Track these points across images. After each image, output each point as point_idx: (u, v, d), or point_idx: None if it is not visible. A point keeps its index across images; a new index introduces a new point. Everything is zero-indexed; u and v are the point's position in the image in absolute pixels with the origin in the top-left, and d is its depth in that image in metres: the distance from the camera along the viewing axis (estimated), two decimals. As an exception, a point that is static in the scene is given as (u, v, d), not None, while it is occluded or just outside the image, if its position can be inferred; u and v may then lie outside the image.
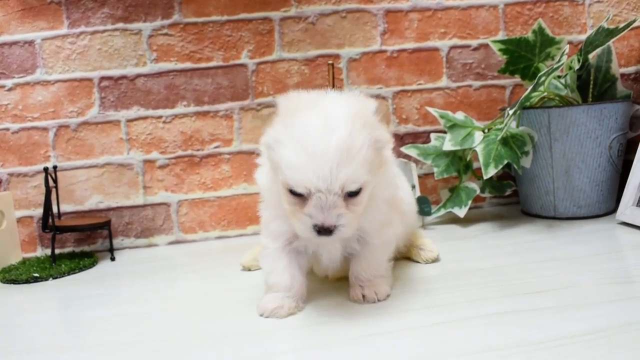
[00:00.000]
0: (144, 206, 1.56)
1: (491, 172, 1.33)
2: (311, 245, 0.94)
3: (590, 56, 1.47)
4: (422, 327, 0.83)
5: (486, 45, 1.64)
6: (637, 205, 1.32)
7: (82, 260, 1.40)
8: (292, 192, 0.82)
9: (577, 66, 1.40)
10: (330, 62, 1.49)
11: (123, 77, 1.53)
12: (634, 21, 1.37)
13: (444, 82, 1.64)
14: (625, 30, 1.34)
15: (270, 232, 0.94)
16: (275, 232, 0.93)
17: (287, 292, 0.93)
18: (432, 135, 1.54)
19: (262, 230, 0.98)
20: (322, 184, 0.78)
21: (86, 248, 1.54)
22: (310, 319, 0.90)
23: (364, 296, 0.94)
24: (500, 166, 1.34)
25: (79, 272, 1.35)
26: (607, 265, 1.04)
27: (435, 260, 1.16)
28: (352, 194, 0.82)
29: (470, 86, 1.66)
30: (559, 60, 1.31)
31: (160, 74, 1.54)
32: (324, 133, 0.78)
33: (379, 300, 0.94)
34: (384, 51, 1.61)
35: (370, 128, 0.83)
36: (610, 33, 1.36)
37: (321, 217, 0.81)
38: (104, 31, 1.52)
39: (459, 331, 0.80)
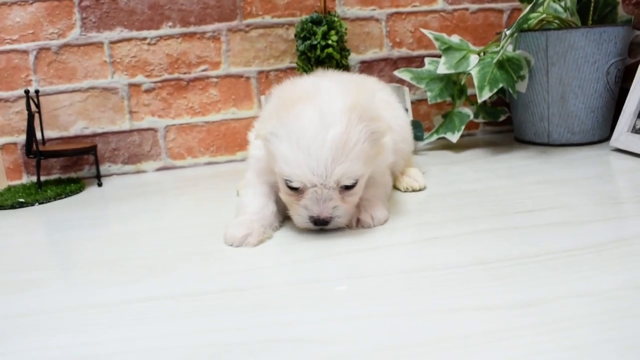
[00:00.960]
0: (130, 131, 1.52)
1: (485, 95, 1.30)
2: None
3: (592, -23, 1.42)
4: (411, 242, 0.82)
5: (484, -34, 1.57)
6: (631, 132, 1.30)
7: (68, 186, 1.37)
8: (288, 184, 0.83)
9: (577, -13, 1.35)
10: (321, -20, 1.44)
11: (105, -4, 1.47)
12: (639, -61, 1.31)
13: (439, 4, 1.59)
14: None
15: (254, 168, 0.97)
16: (259, 169, 0.96)
17: (256, 214, 0.89)
18: (426, 60, 1.50)
19: (248, 168, 1.00)
20: (317, 180, 0.81)
21: (72, 175, 1.51)
22: (295, 237, 0.89)
23: (358, 220, 0.90)
24: (495, 89, 1.31)
25: (66, 197, 1.33)
26: (598, 188, 1.03)
27: (419, 190, 1.10)
28: (348, 187, 0.84)
29: (466, 9, 1.60)
30: (560, -21, 1.26)
31: (143, -8, 1.47)
32: (319, 129, 0.79)
33: (374, 226, 0.90)
34: (378, -29, 1.55)
35: (367, 120, 0.83)
36: (613, -48, 1.30)
37: (317, 210, 0.83)
38: (83, -54, 1.44)
39: (449, 246, 0.79)
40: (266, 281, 0.73)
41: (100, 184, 1.42)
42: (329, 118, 0.80)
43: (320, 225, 0.85)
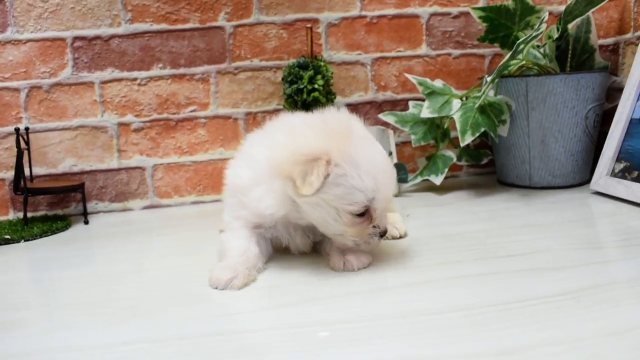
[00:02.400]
0: (118, 170, 1.53)
1: (468, 139, 1.33)
2: (282, 238, 0.98)
3: (570, 26, 1.47)
4: (395, 287, 0.83)
5: (466, 14, 1.62)
6: (610, 176, 1.33)
7: (55, 223, 1.38)
8: (360, 214, 0.88)
9: (556, 35, 1.40)
10: (309, 26, 1.48)
11: (97, 37, 1.49)
12: (614, -9, 1.37)
13: (423, 49, 1.63)
14: (605, 1, 1.33)
15: (234, 215, 0.98)
16: (241, 217, 0.96)
17: (239, 257, 0.91)
18: (411, 103, 1.53)
19: (227, 214, 1.01)
20: (390, 194, 0.92)
21: (59, 212, 1.52)
22: (279, 280, 0.90)
23: (345, 262, 0.92)
24: (478, 134, 1.34)
25: (52, 234, 1.33)
26: (578, 232, 1.06)
27: (400, 238, 1.09)
28: None
29: (449, 54, 1.65)
30: (538, 29, 1.30)
31: (135, 35, 1.50)
32: (380, 153, 0.91)
33: (358, 269, 0.92)
34: (364, 16, 1.59)
35: None
36: (590, 3, 1.35)
37: (384, 223, 0.92)
38: (77, -11, 1.47)
39: (431, 291, 0.80)
40: (250, 325, 0.73)
41: (86, 222, 1.43)
42: (375, 142, 0.92)
43: (383, 236, 0.93)
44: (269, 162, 0.90)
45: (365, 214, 0.88)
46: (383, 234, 0.92)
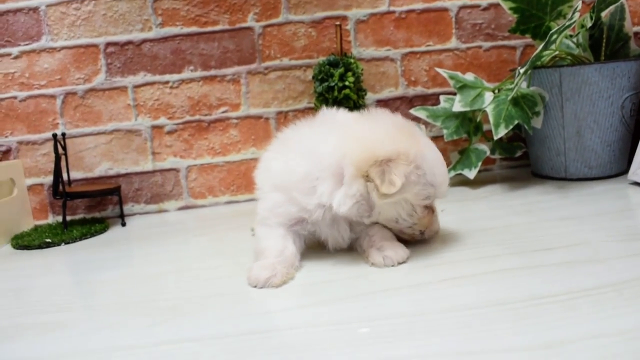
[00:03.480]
0: (153, 172, 1.56)
1: (501, 132, 1.32)
2: (322, 234, 0.98)
3: (603, 14, 1.44)
4: (433, 282, 0.83)
5: (496, 5, 1.61)
6: (649, 165, 1.30)
7: (93, 226, 1.41)
8: (427, 207, 0.96)
9: (589, 24, 1.38)
10: (337, 23, 1.48)
11: (129, 42, 1.52)
12: (649, -24, 1.34)
13: (453, 43, 1.62)
14: (640, -14, 1.31)
15: (275, 212, 0.96)
16: (281, 213, 0.96)
17: (278, 256, 0.92)
18: (442, 97, 1.52)
19: (264, 209, 0.99)
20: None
21: (97, 215, 1.55)
22: (316, 277, 0.90)
23: (384, 257, 0.92)
24: (511, 126, 1.32)
25: (91, 237, 1.36)
26: (617, 223, 1.04)
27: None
28: None
29: (480, 47, 1.63)
30: (571, 18, 1.28)
31: (166, 38, 1.53)
32: (439, 152, 0.98)
33: (398, 263, 0.92)
34: (392, 12, 1.59)
35: None
36: (623, -11, 1.33)
37: (436, 210, 1.02)
38: (108, -4, 1.50)
39: (468, 286, 0.80)
40: (289, 323, 0.74)
41: (124, 224, 1.45)
42: (431, 141, 0.99)
43: None
44: (346, 161, 0.90)
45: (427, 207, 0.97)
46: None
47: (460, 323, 0.68)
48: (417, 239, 1.00)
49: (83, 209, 1.55)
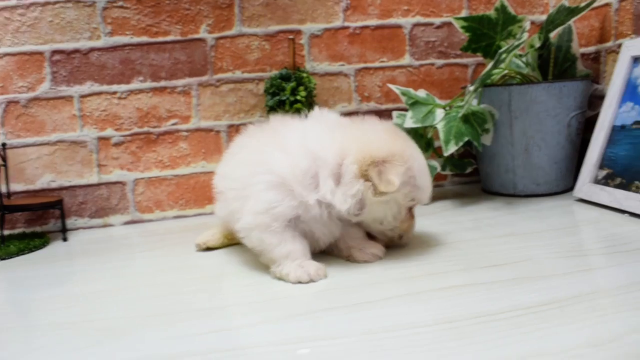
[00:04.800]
0: (98, 185, 1.51)
1: (451, 149, 1.33)
2: (315, 228, 0.99)
3: (552, 35, 1.47)
4: (378, 300, 0.82)
5: (449, 24, 1.63)
6: (593, 183, 1.33)
7: (32, 241, 1.35)
8: (410, 210, 1.02)
9: (538, 44, 1.40)
10: (291, 37, 1.47)
11: (76, 50, 1.47)
12: (595, 0, 1.37)
13: (406, 60, 1.63)
14: (586, 10, 1.34)
15: (272, 214, 0.94)
16: (279, 214, 0.94)
17: (305, 256, 0.96)
18: (394, 113, 1.53)
19: (258, 213, 0.95)
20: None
21: (37, 229, 1.49)
22: (255, 296, 0.88)
23: (372, 255, 1.01)
24: (461, 143, 1.33)
25: (29, 252, 1.30)
26: (562, 240, 1.05)
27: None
28: None
29: (432, 64, 1.65)
30: (520, 38, 1.30)
31: (115, 48, 1.49)
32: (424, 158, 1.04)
33: (381, 258, 1.02)
34: (347, 27, 1.59)
35: None
36: (571, 12, 1.36)
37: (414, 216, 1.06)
38: (55, 2, 1.45)
39: (415, 304, 0.79)
40: (229, 344, 0.71)
41: (65, 239, 1.40)
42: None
43: None
44: (348, 161, 0.93)
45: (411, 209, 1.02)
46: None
47: (405, 342, 0.67)
48: (395, 242, 1.05)
49: (23, 222, 1.48)
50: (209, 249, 1.18)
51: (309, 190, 0.94)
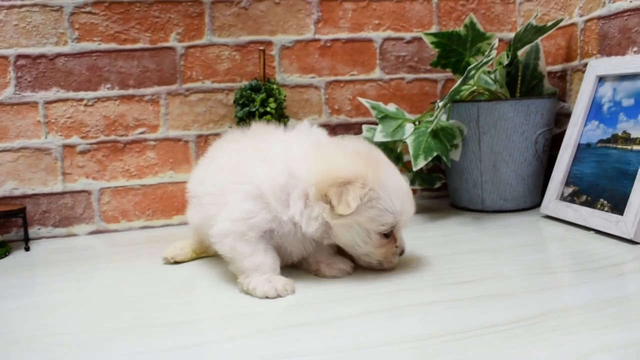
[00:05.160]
0: (62, 194, 1.47)
1: (420, 163, 1.33)
2: (287, 243, 0.98)
3: (519, 53, 1.50)
4: (346, 317, 0.81)
5: (419, 39, 1.64)
6: (560, 199, 1.35)
7: (-8, 250, 1.31)
8: (386, 235, 0.96)
9: (506, 61, 1.43)
10: (261, 48, 1.46)
11: (42, 55, 1.44)
12: (561, 20, 1.40)
13: (377, 73, 1.64)
14: (553, 29, 1.37)
15: (248, 223, 0.94)
16: (254, 224, 0.94)
17: (274, 272, 0.95)
18: (364, 127, 1.53)
19: (236, 219, 0.95)
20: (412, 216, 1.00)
21: (-2, 237, 1.45)
22: (224, 310, 0.87)
23: (339, 270, 1.01)
24: (430, 158, 1.34)
25: (-11, 262, 1.26)
26: (529, 257, 1.06)
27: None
28: None
29: (403, 79, 1.66)
30: (489, 55, 1.32)
31: (82, 54, 1.46)
32: (403, 179, 0.99)
33: (347, 274, 1.01)
34: (318, 40, 1.59)
35: None
36: (538, 30, 1.39)
37: (404, 243, 1.02)
38: (21, 6, 1.42)
39: (380, 322, 0.79)
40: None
41: (27, 248, 1.36)
42: (395, 168, 1.01)
43: (401, 255, 1.02)
44: (310, 182, 0.92)
45: (390, 235, 0.97)
46: (401, 253, 1.01)
47: (372, 361, 0.66)
48: (375, 268, 1.01)
49: (-17, 231, 1.44)
50: (176, 263, 1.16)
51: (283, 207, 0.94)
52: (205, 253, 1.18)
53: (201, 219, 1.04)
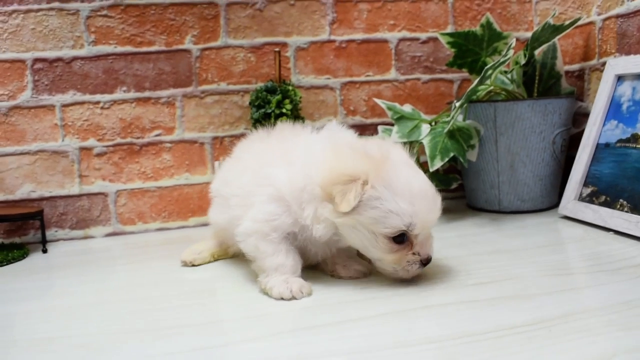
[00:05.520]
0: (79, 196, 1.48)
1: (437, 164, 1.32)
2: (310, 245, 0.98)
3: (536, 52, 1.48)
4: (363, 318, 0.81)
5: (435, 39, 1.63)
6: (578, 200, 1.33)
7: (11, 252, 1.32)
8: (398, 240, 0.89)
9: (523, 61, 1.41)
10: (276, 49, 1.46)
11: (58, 59, 1.45)
12: (579, 19, 1.39)
13: (392, 74, 1.63)
14: (571, 28, 1.35)
15: (271, 225, 0.94)
16: (277, 226, 0.94)
17: (294, 274, 0.94)
18: (380, 128, 1.53)
19: (260, 220, 0.95)
20: (432, 220, 0.92)
21: (17, 240, 1.46)
22: (236, 313, 0.87)
23: (355, 271, 1.01)
24: (447, 159, 1.33)
25: (7, 264, 1.27)
26: (548, 258, 1.05)
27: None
28: None
29: (418, 79, 1.65)
30: (506, 55, 1.31)
31: (98, 57, 1.47)
32: (419, 178, 0.92)
33: (364, 275, 1.00)
34: (333, 41, 1.59)
35: None
36: (555, 30, 1.37)
37: (426, 251, 0.92)
38: (38, 10, 1.43)
39: (398, 323, 0.78)
40: (211, 362, 0.70)
41: (45, 251, 1.37)
42: (415, 167, 0.94)
43: (426, 265, 0.93)
44: (317, 184, 0.90)
45: (404, 240, 0.90)
46: (426, 262, 0.92)
47: (389, 363, 0.66)
48: (392, 276, 0.94)
49: (2, 233, 1.45)
50: (194, 266, 1.16)
51: (302, 210, 0.93)
52: (224, 256, 1.18)
53: (227, 219, 1.05)
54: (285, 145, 1.01)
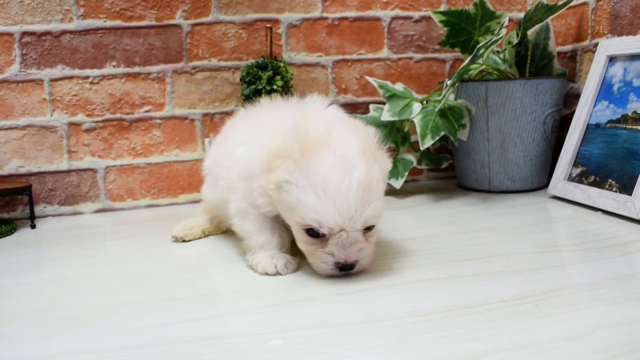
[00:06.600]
0: (68, 172, 1.47)
1: (428, 143, 1.32)
2: None
3: (529, 33, 1.48)
4: (350, 292, 0.81)
5: (428, 18, 1.62)
6: (568, 180, 1.34)
7: (-1, 227, 1.31)
8: (310, 233, 0.83)
9: (515, 41, 1.41)
10: (268, 26, 1.45)
11: (47, 33, 1.43)
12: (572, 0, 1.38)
13: (384, 53, 1.62)
14: (564, 8, 1.35)
15: (247, 203, 0.92)
16: (260, 205, 0.90)
17: (280, 250, 0.93)
18: (371, 106, 1.52)
19: (240, 199, 0.94)
20: (347, 223, 0.80)
21: (5, 215, 1.45)
22: (225, 286, 0.87)
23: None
24: (437, 137, 1.33)
25: (-5, 239, 1.27)
26: (536, 236, 1.06)
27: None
28: (369, 227, 0.84)
29: (410, 58, 1.64)
30: (498, 34, 1.30)
31: (87, 31, 1.45)
32: (345, 173, 0.79)
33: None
34: (325, 18, 1.57)
35: (379, 159, 0.87)
36: (549, 10, 1.37)
37: (343, 255, 0.82)
38: (26, -17, 1.41)
39: (387, 297, 0.79)
40: (197, 334, 0.70)
41: (33, 226, 1.36)
42: (351, 160, 0.81)
43: (347, 270, 0.85)
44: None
45: (318, 235, 0.82)
46: (342, 267, 0.84)
47: (376, 335, 0.66)
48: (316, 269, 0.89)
49: (-11, 208, 1.44)
50: (185, 242, 1.16)
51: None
52: (215, 232, 1.18)
53: (219, 198, 1.04)
54: (255, 122, 0.99)
